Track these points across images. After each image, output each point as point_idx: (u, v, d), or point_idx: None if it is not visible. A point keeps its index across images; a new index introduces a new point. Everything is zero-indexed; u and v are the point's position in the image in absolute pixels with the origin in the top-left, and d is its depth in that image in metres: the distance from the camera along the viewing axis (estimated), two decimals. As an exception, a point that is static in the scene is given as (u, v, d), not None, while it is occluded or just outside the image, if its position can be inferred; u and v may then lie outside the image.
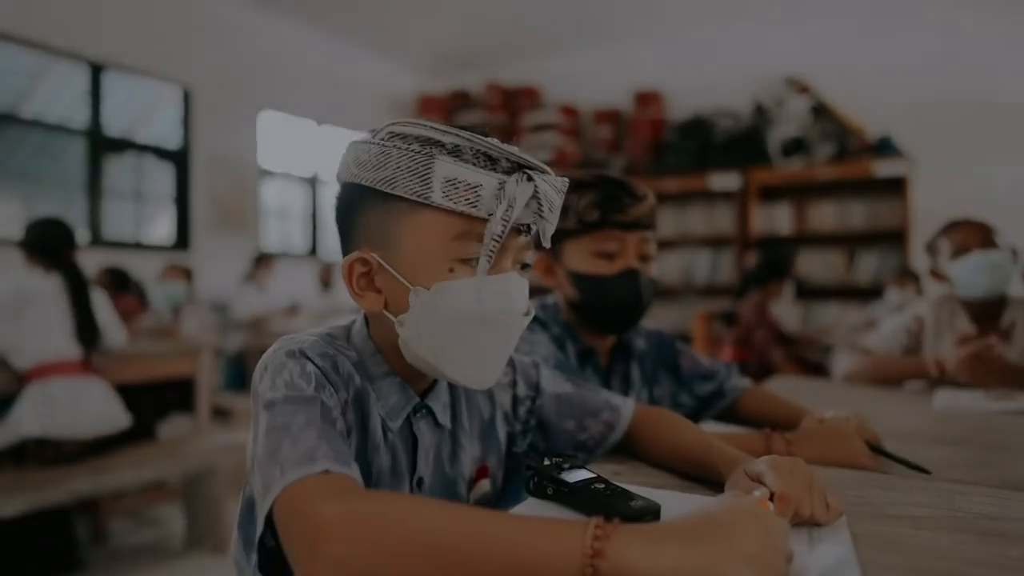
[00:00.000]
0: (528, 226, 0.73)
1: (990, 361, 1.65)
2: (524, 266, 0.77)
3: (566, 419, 0.94)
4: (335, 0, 5.31)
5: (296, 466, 0.59)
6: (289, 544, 0.56)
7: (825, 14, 5.17)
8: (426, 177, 0.68)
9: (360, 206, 0.74)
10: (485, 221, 0.69)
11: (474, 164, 0.69)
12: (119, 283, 3.47)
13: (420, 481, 0.81)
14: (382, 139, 0.72)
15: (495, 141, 0.70)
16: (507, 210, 0.67)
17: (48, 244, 2.45)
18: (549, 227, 0.72)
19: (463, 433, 0.87)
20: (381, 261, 0.72)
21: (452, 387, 0.87)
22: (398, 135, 0.71)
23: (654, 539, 0.50)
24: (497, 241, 0.68)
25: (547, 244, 0.73)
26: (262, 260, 4.96)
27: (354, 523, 0.53)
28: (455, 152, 0.69)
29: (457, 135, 0.69)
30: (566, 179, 0.75)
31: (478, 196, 0.68)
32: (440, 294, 0.70)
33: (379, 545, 0.51)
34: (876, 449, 0.96)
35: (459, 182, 0.68)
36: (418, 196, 0.68)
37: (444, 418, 0.83)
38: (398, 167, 0.69)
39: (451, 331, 0.71)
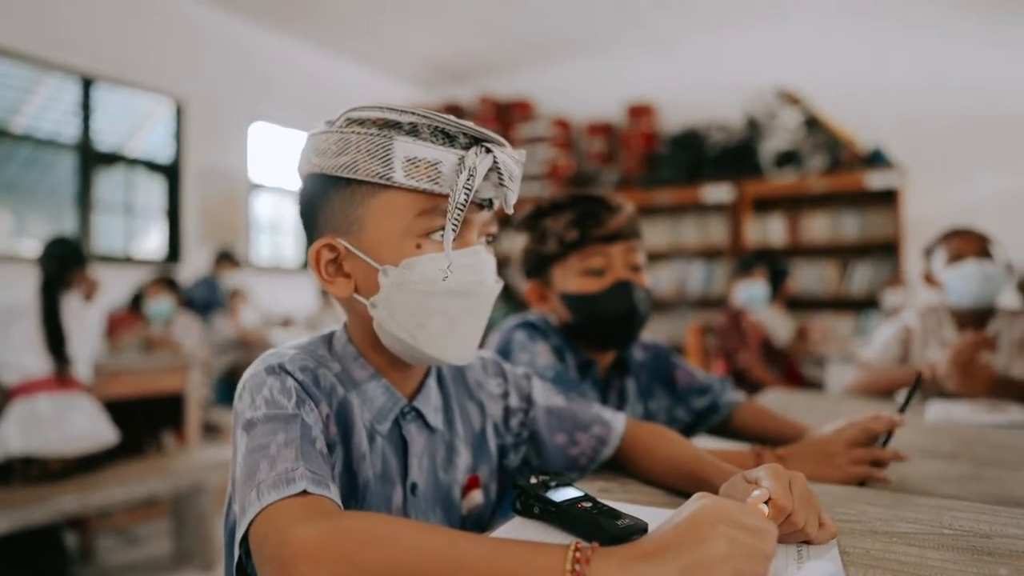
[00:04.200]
0: (490, 201, 0.74)
1: (978, 369, 1.65)
2: (489, 239, 0.79)
3: (557, 433, 0.93)
4: (327, 13, 5.33)
5: (273, 488, 0.58)
6: (262, 569, 0.55)
7: (816, 27, 5.21)
8: (387, 158, 0.68)
9: (323, 195, 0.74)
10: (447, 197, 0.69)
11: (432, 142, 0.69)
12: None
13: (414, 487, 0.79)
14: (340, 126, 0.72)
15: (451, 117, 0.70)
16: (468, 179, 0.68)
17: (58, 263, 2.48)
18: (511, 195, 0.72)
19: (458, 438, 0.86)
20: (348, 245, 0.73)
21: (443, 391, 0.87)
22: (355, 120, 0.72)
23: (632, 560, 0.49)
24: (461, 210, 0.68)
25: (510, 211, 0.73)
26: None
27: (328, 546, 0.52)
28: (413, 131, 0.69)
29: (414, 114, 0.70)
30: (523, 151, 0.75)
31: (439, 172, 0.69)
32: (408, 270, 0.71)
33: (354, 568, 0.50)
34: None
35: (419, 160, 0.69)
36: (380, 178, 0.69)
37: (435, 420, 0.83)
38: (358, 151, 0.69)
39: (422, 306, 0.71)
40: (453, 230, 0.68)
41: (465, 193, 0.67)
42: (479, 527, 0.87)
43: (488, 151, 0.70)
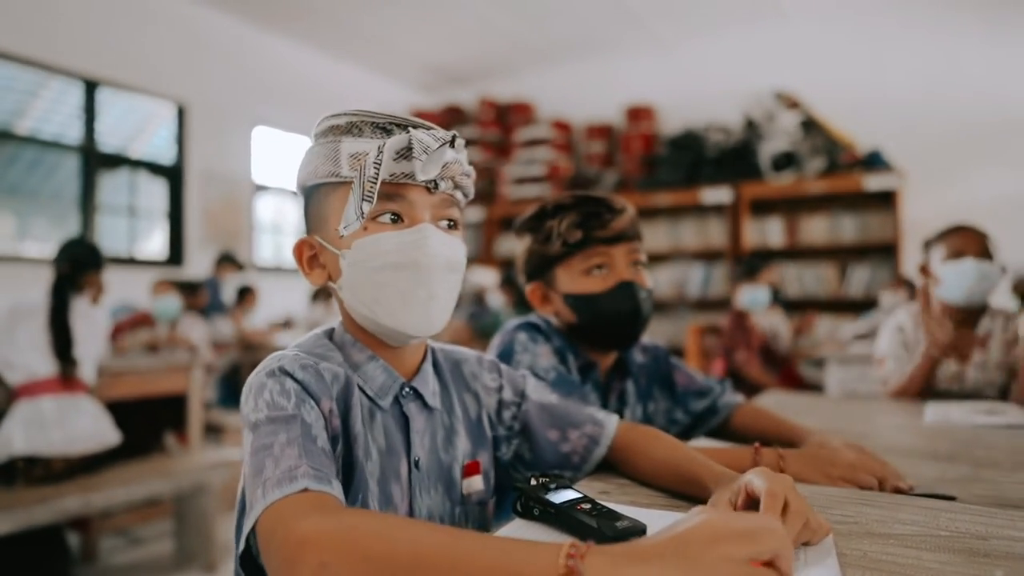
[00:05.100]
0: (435, 183, 0.79)
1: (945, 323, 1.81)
2: (450, 224, 0.83)
3: (549, 428, 0.95)
4: (329, 17, 5.34)
5: (276, 486, 0.61)
6: (269, 563, 0.57)
7: (815, 30, 5.22)
8: (335, 159, 0.78)
9: (306, 204, 0.85)
10: (388, 183, 0.76)
11: (372, 136, 0.78)
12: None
13: (417, 462, 0.83)
14: (309, 145, 0.83)
15: (386, 112, 0.79)
16: (378, 155, 0.74)
17: (73, 264, 2.49)
18: (419, 164, 0.77)
19: (456, 421, 0.90)
20: (319, 239, 0.82)
21: (440, 378, 0.91)
22: (316, 134, 0.83)
23: (628, 560, 0.50)
24: (372, 183, 0.74)
25: (422, 177, 0.78)
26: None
27: (331, 540, 0.53)
28: (356, 131, 0.79)
29: (352, 115, 0.79)
30: (454, 133, 0.81)
31: None
32: (358, 251, 0.78)
33: (356, 562, 0.52)
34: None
35: (360, 154, 0.77)
36: (332, 176, 0.78)
37: (433, 401, 0.87)
38: (317, 158, 0.80)
39: (373, 281, 0.78)
40: (368, 200, 0.74)
41: (375, 167, 0.73)
42: (481, 512, 0.91)
43: (407, 131, 0.77)
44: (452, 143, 0.80)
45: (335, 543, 0.53)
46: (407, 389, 0.85)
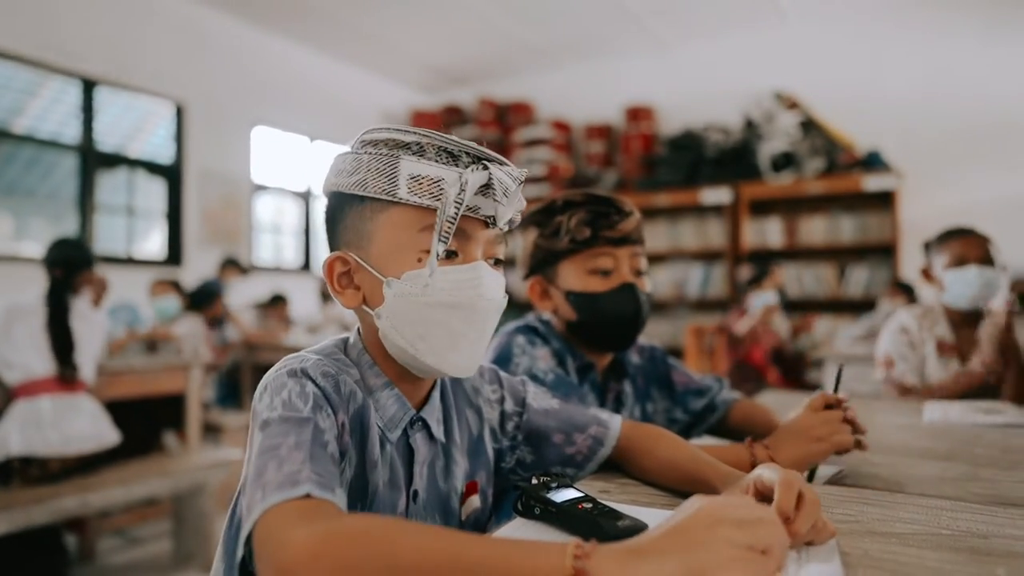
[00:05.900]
0: (494, 219, 0.76)
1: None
2: (498, 261, 0.80)
3: (555, 433, 0.94)
4: (328, 17, 5.34)
5: (277, 489, 0.58)
6: (261, 571, 0.55)
7: (814, 31, 5.23)
8: (393, 176, 0.72)
9: (340, 211, 0.79)
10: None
11: (437, 161, 0.72)
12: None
13: (415, 495, 0.81)
14: (356, 148, 0.76)
15: (456, 138, 0.73)
16: (459, 193, 0.70)
17: (64, 266, 2.48)
18: (503, 210, 0.75)
19: (455, 448, 0.87)
20: (357, 258, 0.77)
21: (444, 401, 0.88)
22: (369, 142, 0.76)
23: (634, 556, 0.50)
24: (451, 223, 0.70)
25: (502, 225, 0.76)
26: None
27: (324, 548, 0.52)
28: (419, 151, 0.73)
29: (420, 135, 0.73)
30: (525, 170, 0.77)
31: (441, 190, 0.71)
32: (409, 282, 0.73)
33: (350, 570, 0.51)
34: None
35: (423, 178, 0.72)
36: (386, 194, 0.73)
37: (438, 432, 0.84)
38: (368, 170, 0.73)
39: (422, 317, 0.74)
40: (443, 241, 0.71)
41: (455, 206, 0.70)
42: (477, 530, 0.89)
43: (485, 167, 0.72)
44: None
45: (328, 560, 0.51)
46: (416, 420, 0.82)
